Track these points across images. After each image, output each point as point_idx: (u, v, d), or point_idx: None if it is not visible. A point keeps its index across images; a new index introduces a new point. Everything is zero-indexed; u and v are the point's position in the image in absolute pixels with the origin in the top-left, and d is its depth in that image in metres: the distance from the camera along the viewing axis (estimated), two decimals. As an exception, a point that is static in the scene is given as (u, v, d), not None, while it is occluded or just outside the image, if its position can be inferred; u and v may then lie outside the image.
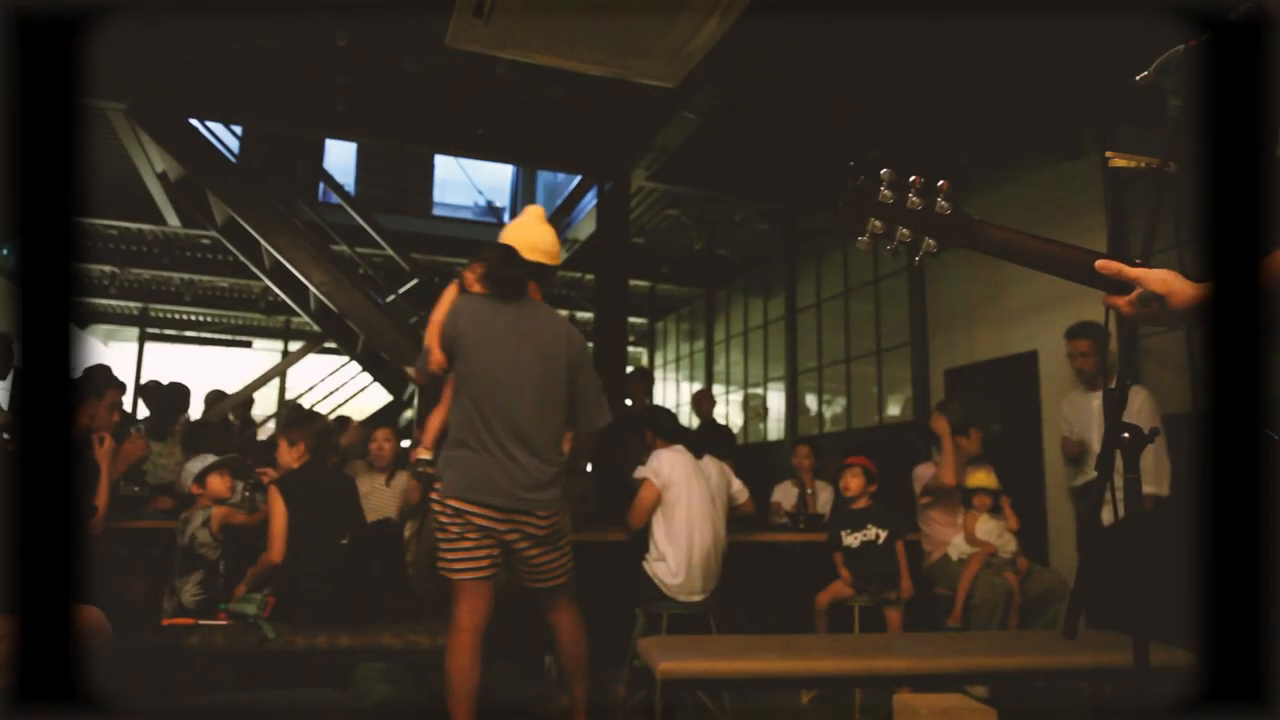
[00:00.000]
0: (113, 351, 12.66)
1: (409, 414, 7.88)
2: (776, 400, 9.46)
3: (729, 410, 10.43)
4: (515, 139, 6.43)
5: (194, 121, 6.52)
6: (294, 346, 11.89)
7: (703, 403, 7.32)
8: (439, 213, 11.29)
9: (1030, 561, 4.44)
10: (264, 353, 12.91)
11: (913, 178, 1.30)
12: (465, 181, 10.88)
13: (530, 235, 3.26)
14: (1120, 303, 1.32)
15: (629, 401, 6.44)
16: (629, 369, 7.17)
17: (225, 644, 3.10)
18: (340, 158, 10.68)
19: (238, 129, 7.53)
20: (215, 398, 8.15)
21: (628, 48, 4.35)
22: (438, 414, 3.26)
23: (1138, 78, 1.39)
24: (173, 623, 3.26)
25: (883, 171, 1.31)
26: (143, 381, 7.06)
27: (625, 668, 3.99)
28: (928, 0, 4.11)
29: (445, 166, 11.09)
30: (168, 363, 11.79)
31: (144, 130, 6.02)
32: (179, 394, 6.25)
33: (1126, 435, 1.38)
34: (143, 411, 6.47)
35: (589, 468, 5.48)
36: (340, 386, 9.91)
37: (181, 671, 3.14)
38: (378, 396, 9.42)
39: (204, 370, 11.86)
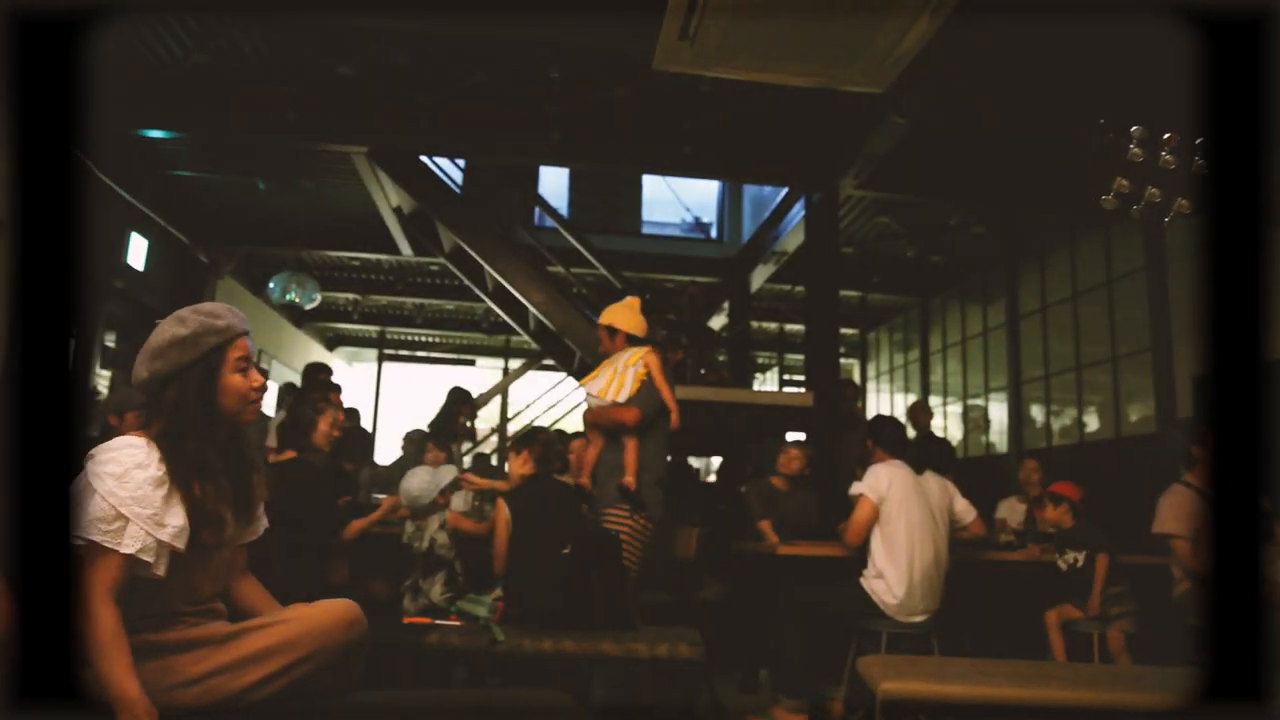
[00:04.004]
0: (355, 372, 13.85)
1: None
2: (998, 412, 8.96)
3: (947, 422, 9.99)
4: (721, 155, 6.49)
5: (424, 158, 7.05)
6: (514, 364, 12.53)
7: (920, 415, 7.07)
8: (648, 230, 11.52)
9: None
10: (486, 370, 13.69)
11: (1167, 134, 1.20)
12: (672, 199, 11.06)
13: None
14: None
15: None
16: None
17: (460, 644, 3.30)
18: (553, 183, 11.18)
19: (461, 162, 8.05)
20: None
21: (834, 56, 4.29)
22: (632, 450, 3.84)
23: None
24: (413, 621, 3.51)
25: (1134, 128, 1.21)
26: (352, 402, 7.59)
27: (842, 685, 3.91)
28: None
29: (653, 185, 11.32)
30: (402, 381, 12.75)
31: (382, 169, 6.57)
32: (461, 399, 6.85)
33: None
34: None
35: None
36: (558, 402, 10.32)
37: (421, 667, 3.38)
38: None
39: (433, 387, 12.74)
